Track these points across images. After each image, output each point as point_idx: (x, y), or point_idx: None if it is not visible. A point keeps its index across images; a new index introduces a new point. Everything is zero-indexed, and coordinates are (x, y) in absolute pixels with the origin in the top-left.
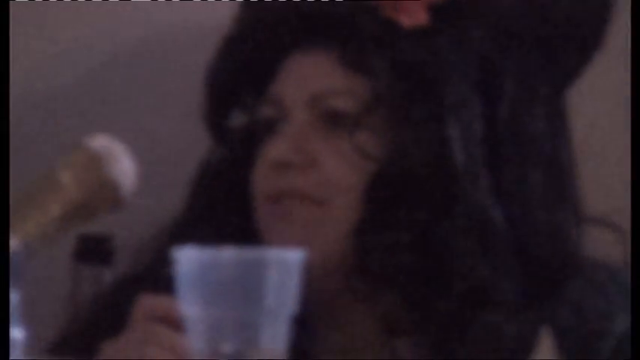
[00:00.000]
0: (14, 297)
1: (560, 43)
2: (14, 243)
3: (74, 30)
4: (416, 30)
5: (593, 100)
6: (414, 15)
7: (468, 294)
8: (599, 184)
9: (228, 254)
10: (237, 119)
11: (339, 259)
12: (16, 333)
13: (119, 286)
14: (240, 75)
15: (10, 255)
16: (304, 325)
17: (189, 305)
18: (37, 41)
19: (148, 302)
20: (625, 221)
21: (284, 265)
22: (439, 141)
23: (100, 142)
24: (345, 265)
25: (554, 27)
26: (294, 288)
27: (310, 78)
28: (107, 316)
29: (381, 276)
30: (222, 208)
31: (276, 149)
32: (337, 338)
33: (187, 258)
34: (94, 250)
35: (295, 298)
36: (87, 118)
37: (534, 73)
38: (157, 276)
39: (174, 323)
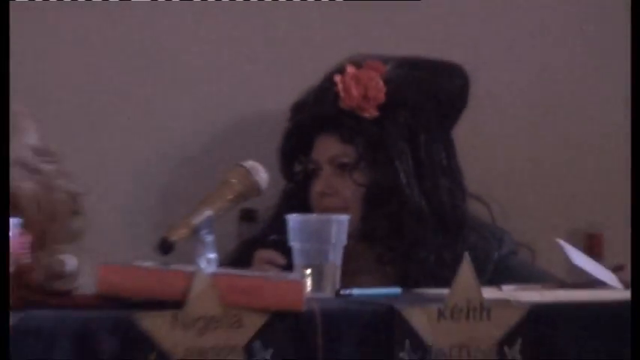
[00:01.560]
0: (210, 238)
1: (445, 111)
2: (210, 213)
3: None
4: (373, 119)
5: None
6: (370, 112)
7: (414, 243)
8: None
9: (314, 217)
10: (297, 168)
11: (353, 231)
12: (212, 256)
13: (246, 243)
14: (296, 146)
15: (206, 219)
16: None
17: (294, 242)
18: None
19: (262, 254)
20: None
21: (340, 223)
22: (392, 173)
23: (251, 162)
24: (356, 233)
25: (443, 104)
26: (345, 233)
27: (327, 149)
28: (240, 258)
29: (374, 237)
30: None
31: (318, 186)
32: (351, 267)
33: (294, 219)
34: (249, 216)
35: (345, 238)
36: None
37: (434, 128)
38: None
39: (274, 264)
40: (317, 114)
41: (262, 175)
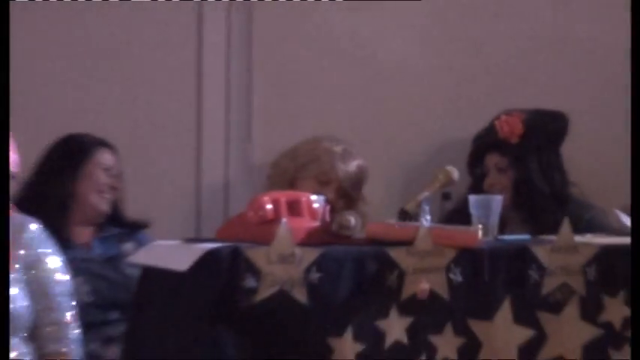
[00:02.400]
0: (427, 208)
1: (555, 138)
2: (427, 194)
3: None
4: (517, 144)
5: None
6: (515, 140)
7: (540, 210)
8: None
9: (482, 197)
10: (477, 171)
11: (507, 206)
12: (429, 217)
13: (450, 212)
14: (476, 159)
15: (425, 197)
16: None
17: (473, 210)
18: None
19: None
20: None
21: (497, 200)
22: (527, 173)
23: (450, 167)
24: (509, 206)
25: (553, 134)
26: (500, 206)
27: (493, 160)
28: (450, 219)
29: (519, 208)
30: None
31: (488, 181)
32: (507, 224)
33: (474, 197)
34: (448, 195)
35: (500, 209)
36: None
37: (549, 147)
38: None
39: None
40: (487, 141)
41: (455, 174)
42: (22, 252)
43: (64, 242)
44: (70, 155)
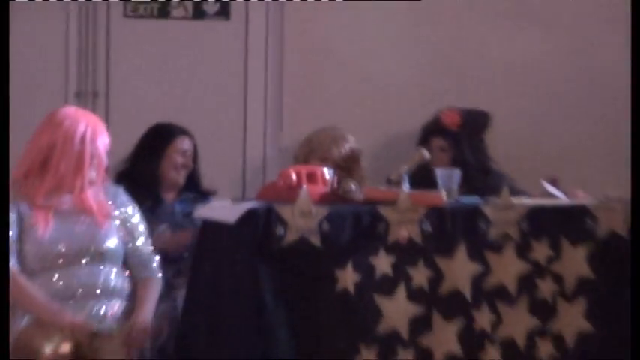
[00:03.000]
0: (406, 177)
1: (481, 128)
2: (406, 168)
3: None
4: (455, 132)
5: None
6: (454, 129)
7: (472, 179)
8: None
9: (446, 170)
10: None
11: None
12: (407, 185)
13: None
14: (424, 141)
15: (406, 171)
16: None
17: (439, 179)
18: None
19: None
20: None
21: (457, 173)
22: (462, 152)
23: (423, 150)
24: None
25: (480, 125)
26: (459, 177)
27: (437, 143)
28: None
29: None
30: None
31: (433, 158)
32: None
33: (440, 170)
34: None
35: (459, 178)
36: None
37: (478, 134)
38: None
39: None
40: (433, 128)
41: (427, 154)
42: (117, 211)
43: (156, 200)
44: (156, 140)
